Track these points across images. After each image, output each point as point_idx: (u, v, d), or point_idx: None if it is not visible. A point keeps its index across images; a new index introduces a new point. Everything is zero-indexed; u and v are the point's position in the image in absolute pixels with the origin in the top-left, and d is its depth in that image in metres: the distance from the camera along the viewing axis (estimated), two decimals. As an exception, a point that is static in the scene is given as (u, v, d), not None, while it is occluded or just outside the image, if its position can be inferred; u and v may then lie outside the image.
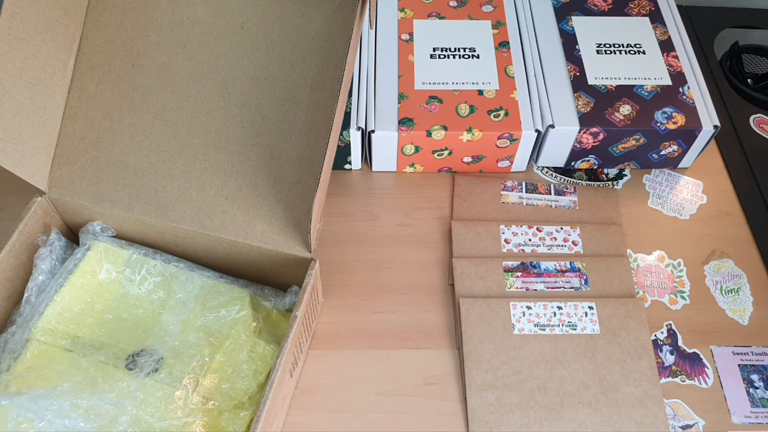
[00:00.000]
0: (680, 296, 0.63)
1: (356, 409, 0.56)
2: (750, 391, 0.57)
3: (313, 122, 0.53)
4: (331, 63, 0.53)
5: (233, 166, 0.54)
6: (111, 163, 0.55)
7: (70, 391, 0.48)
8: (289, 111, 0.53)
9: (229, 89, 0.54)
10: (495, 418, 0.54)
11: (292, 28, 0.54)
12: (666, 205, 0.70)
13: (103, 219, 0.56)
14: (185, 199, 0.54)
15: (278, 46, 0.54)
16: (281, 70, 0.54)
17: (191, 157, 0.54)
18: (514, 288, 0.62)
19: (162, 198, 0.54)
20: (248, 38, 0.54)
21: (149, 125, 0.55)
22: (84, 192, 0.55)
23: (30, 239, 0.54)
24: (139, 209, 0.54)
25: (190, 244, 0.56)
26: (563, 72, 0.70)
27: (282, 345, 0.48)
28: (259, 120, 0.54)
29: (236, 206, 0.53)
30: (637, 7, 0.76)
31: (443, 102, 0.67)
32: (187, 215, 0.54)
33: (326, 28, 0.53)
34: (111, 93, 0.56)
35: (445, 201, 0.69)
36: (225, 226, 0.53)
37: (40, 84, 0.53)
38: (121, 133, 0.55)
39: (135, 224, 0.55)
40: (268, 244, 0.52)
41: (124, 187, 0.55)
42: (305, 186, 0.52)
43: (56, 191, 0.55)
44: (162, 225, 0.54)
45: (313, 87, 0.53)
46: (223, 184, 0.54)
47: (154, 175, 0.55)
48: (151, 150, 0.55)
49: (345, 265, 0.64)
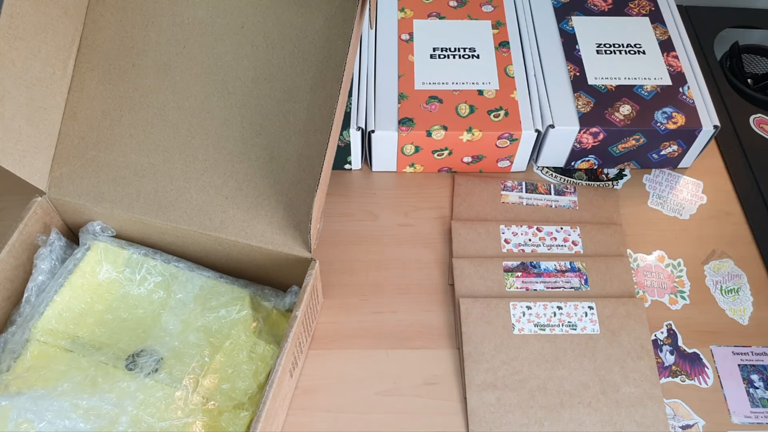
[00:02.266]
0: (680, 296, 0.63)
1: (356, 409, 0.56)
2: (750, 391, 0.57)
3: (313, 122, 0.53)
4: (331, 63, 0.53)
5: (233, 166, 0.54)
6: (111, 163, 0.55)
7: (70, 391, 0.48)
8: (289, 111, 0.53)
9: (229, 89, 0.54)
10: (495, 418, 0.54)
11: (292, 28, 0.54)
12: (666, 205, 0.70)
13: (103, 219, 0.56)
14: (185, 199, 0.54)
15: (278, 46, 0.54)
16: (281, 70, 0.54)
17: (191, 157, 0.54)
18: (514, 288, 0.62)
19: (162, 198, 0.54)
20: (248, 38, 0.54)
21: (149, 125, 0.55)
22: (84, 192, 0.55)
23: (30, 239, 0.54)
24: (139, 209, 0.54)
25: (190, 244, 0.56)
26: (563, 72, 0.70)
27: (282, 345, 0.48)
28: (259, 120, 0.54)
29: (236, 206, 0.53)
30: (637, 7, 0.76)
31: (443, 102, 0.67)
32: (187, 215, 0.54)
33: (326, 28, 0.53)
34: (111, 93, 0.56)
35: (445, 201, 0.69)
36: (225, 226, 0.53)
37: (40, 84, 0.53)
38: (121, 133, 0.55)
39: (135, 224, 0.55)
40: (268, 244, 0.52)
41: (124, 187, 0.55)
42: (305, 186, 0.52)
43: (56, 191, 0.55)
44: (162, 225, 0.54)
45: (313, 87, 0.53)
46: (223, 184, 0.54)
47: (154, 175, 0.55)
48: (152, 150, 0.55)
49: (345, 265, 0.64)
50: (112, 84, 0.56)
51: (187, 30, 0.55)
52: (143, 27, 0.56)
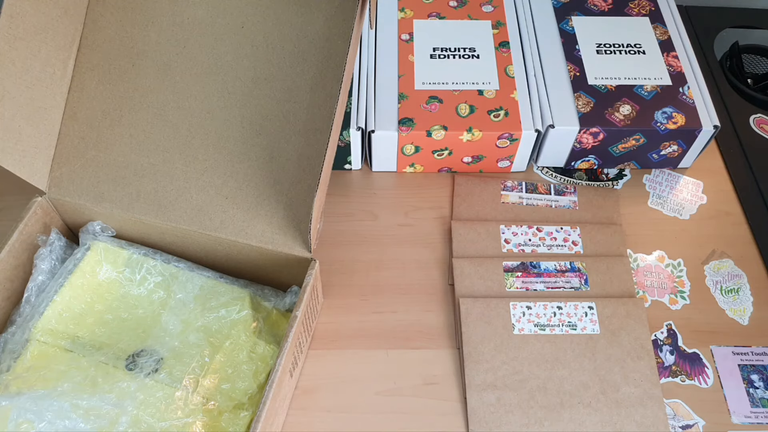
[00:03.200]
0: (680, 296, 0.63)
1: (356, 409, 0.56)
2: (750, 391, 0.57)
3: (313, 122, 0.53)
4: (331, 63, 0.53)
5: (233, 166, 0.54)
6: (111, 163, 0.55)
7: (70, 391, 0.48)
8: (289, 111, 0.53)
9: (229, 89, 0.54)
10: (495, 418, 0.54)
11: (292, 28, 0.54)
12: (666, 205, 0.70)
13: (103, 219, 0.56)
14: (185, 199, 0.54)
15: (278, 47, 0.54)
16: (281, 70, 0.54)
17: (191, 157, 0.54)
18: (514, 288, 0.62)
19: (162, 198, 0.54)
20: (248, 38, 0.54)
21: (149, 125, 0.55)
22: (84, 192, 0.55)
23: (30, 239, 0.54)
24: (139, 209, 0.54)
25: (190, 244, 0.56)
26: (563, 72, 0.70)
27: (282, 345, 0.48)
28: (259, 120, 0.54)
29: (236, 206, 0.53)
30: (637, 7, 0.76)
31: (443, 102, 0.67)
32: (187, 215, 0.54)
33: (326, 28, 0.53)
34: (111, 93, 0.56)
35: (445, 201, 0.69)
36: (225, 226, 0.53)
37: (40, 84, 0.53)
38: (121, 133, 0.55)
39: (135, 224, 0.55)
40: (268, 244, 0.52)
41: (124, 187, 0.55)
42: (305, 186, 0.52)
43: (56, 191, 0.55)
44: (162, 225, 0.54)
45: (313, 87, 0.53)
46: (223, 184, 0.54)
47: (154, 175, 0.55)
48: (151, 150, 0.55)
49: (345, 265, 0.64)
50: (112, 84, 0.56)
51: (187, 30, 0.55)
52: (143, 27, 0.55)
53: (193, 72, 0.55)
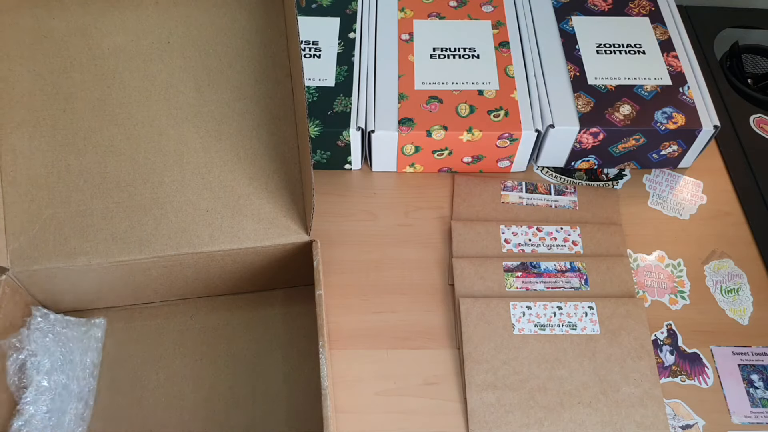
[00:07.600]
0: (680, 296, 0.63)
1: (356, 409, 0.56)
2: (750, 391, 0.57)
3: (270, 112, 0.52)
4: (269, 51, 0.52)
5: (203, 178, 0.53)
6: (72, 214, 0.52)
7: None
8: (243, 109, 0.53)
9: (174, 105, 0.53)
10: (495, 418, 0.54)
11: (218, 30, 0.53)
12: (666, 205, 0.70)
13: (82, 273, 0.53)
14: (165, 225, 0.52)
15: (211, 51, 0.53)
16: (221, 73, 0.53)
17: (157, 183, 0.53)
18: (514, 288, 0.62)
19: (140, 232, 0.52)
20: (178, 51, 0.53)
21: (102, 165, 0.53)
22: (52, 254, 0.51)
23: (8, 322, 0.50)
24: (119, 251, 0.52)
25: (179, 271, 0.54)
26: (563, 72, 0.70)
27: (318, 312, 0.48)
28: (215, 126, 0.53)
29: (219, 215, 0.53)
30: (637, 7, 0.76)
31: (443, 102, 0.67)
32: (172, 240, 0.52)
33: (253, 21, 0.52)
34: (48, 145, 0.53)
35: (445, 201, 0.69)
36: (215, 238, 0.52)
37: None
38: (75, 182, 0.53)
39: (118, 268, 0.53)
40: (264, 241, 0.52)
41: (95, 234, 0.52)
42: (283, 174, 0.52)
43: (20, 263, 0.51)
44: (146, 260, 0.52)
45: (258, 79, 0.52)
46: (199, 199, 0.53)
47: (124, 212, 0.53)
48: (113, 188, 0.53)
49: (345, 265, 0.64)
50: (46, 136, 0.53)
51: (112, 60, 0.53)
52: (63, 71, 0.53)
53: (131, 99, 0.53)
